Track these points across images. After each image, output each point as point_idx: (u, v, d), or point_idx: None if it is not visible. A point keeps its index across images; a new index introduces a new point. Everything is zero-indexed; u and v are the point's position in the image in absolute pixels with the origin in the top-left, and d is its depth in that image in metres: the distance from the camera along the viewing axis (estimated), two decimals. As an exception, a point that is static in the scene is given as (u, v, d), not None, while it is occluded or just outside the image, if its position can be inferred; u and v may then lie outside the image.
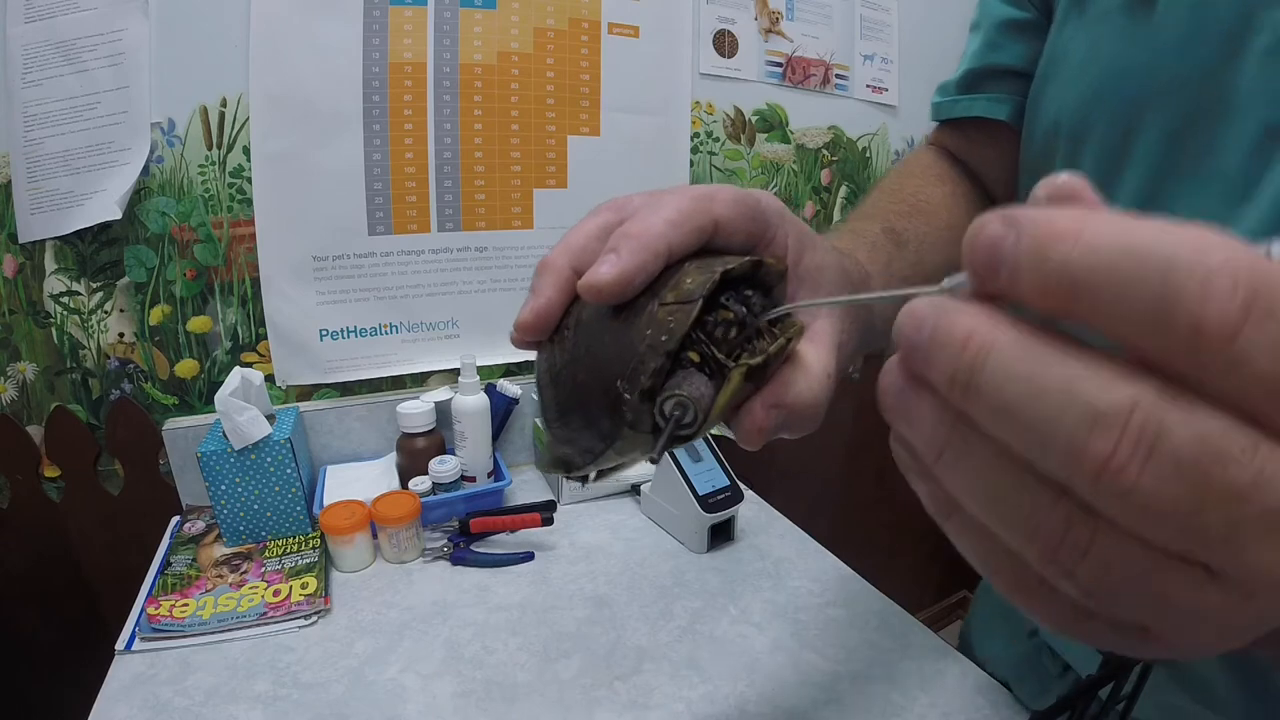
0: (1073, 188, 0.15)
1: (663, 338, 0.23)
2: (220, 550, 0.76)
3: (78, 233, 0.80)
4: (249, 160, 0.84)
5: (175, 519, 0.84)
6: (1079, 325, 0.14)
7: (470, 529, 0.79)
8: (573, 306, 0.27)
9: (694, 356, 0.24)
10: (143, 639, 0.64)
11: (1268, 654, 0.20)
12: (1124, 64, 0.39)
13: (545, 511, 0.80)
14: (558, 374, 0.27)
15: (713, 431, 0.91)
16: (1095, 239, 0.13)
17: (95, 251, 0.82)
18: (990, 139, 0.52)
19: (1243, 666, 0.39)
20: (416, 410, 0.87)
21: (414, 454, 0.87)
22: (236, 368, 0.81)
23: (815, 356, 0.26)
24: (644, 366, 0.23)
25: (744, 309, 0.24)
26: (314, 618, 0.68)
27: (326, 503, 0.79)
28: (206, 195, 0.84)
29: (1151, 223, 0.13)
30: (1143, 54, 0.37)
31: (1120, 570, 0.14)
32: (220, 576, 0.72)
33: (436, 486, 0.85)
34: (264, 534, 0.78)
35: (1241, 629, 0.15)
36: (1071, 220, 0.13)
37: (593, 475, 0.29)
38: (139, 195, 0.81)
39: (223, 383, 0.76)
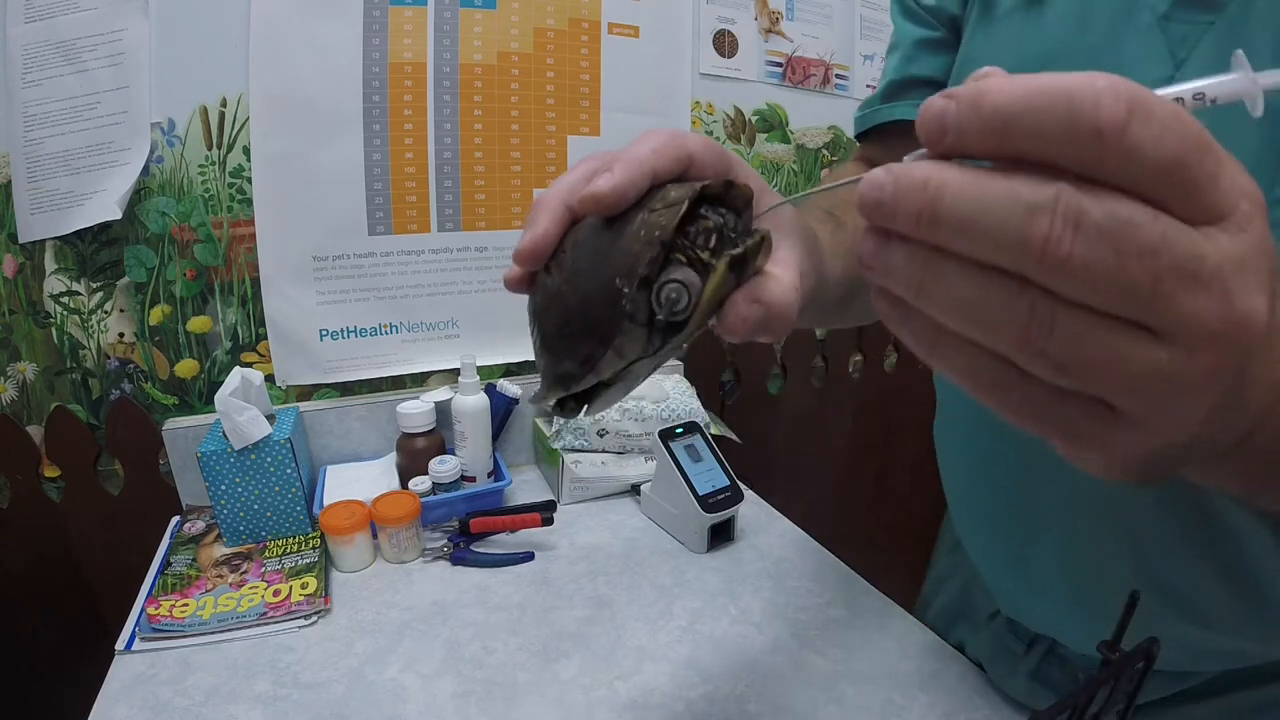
0: (993, 71, 0.19)
1: (656, 233, 0.27)
2: (220, 550, 0.76)
3: (78, 233, 0.80)
4: (249, 160, 0.84)
5: (175, 519, 0.84)
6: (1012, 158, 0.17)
7: (470, 529, 0.79)
8: (567, 236, 0.30)
9: (681, 258, 0.27)
10: (143, 639, 0.64)
11: (1222, 480, 0.24)
12: (1026, 55, 0.45)
13: (545, 511, 0.80)
14: (557, 292, 0.29)
15: (713, 432, 0.91)
16: (1014, 86, 0.17)
17: (95, 251, 0.82)
18: (913, 143, 0.54)
19: (1235, 580, 0.41)
20: (416, 410, 0.87)
21: (414, 454, 0.87)
22: (236, 368, 0.81)
23: (783, 272, 0.30)
24: (640, 259, 0.27)
25: (720, 219, 0.28)
26: (314, 618, 0.68)
27: (326, 503, 0.79)
28: (206, 195, 0.84)
29: (1053, 73, 0.16)
30: (1041, 44, 0.44)
31: (1081, 339, 0.17)
32: (220, 576, 0.72)
33: (436, 486, 0.85)
34: (264, 534, 0.78)
35: (1192, 395, 0.18)
36: (994, 81, 0.17)
37: (591, 400, 0.31)
38: (139, 195, 0.81)
39: (223, 383, 0.76)
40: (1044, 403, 0.19)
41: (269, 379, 0.91)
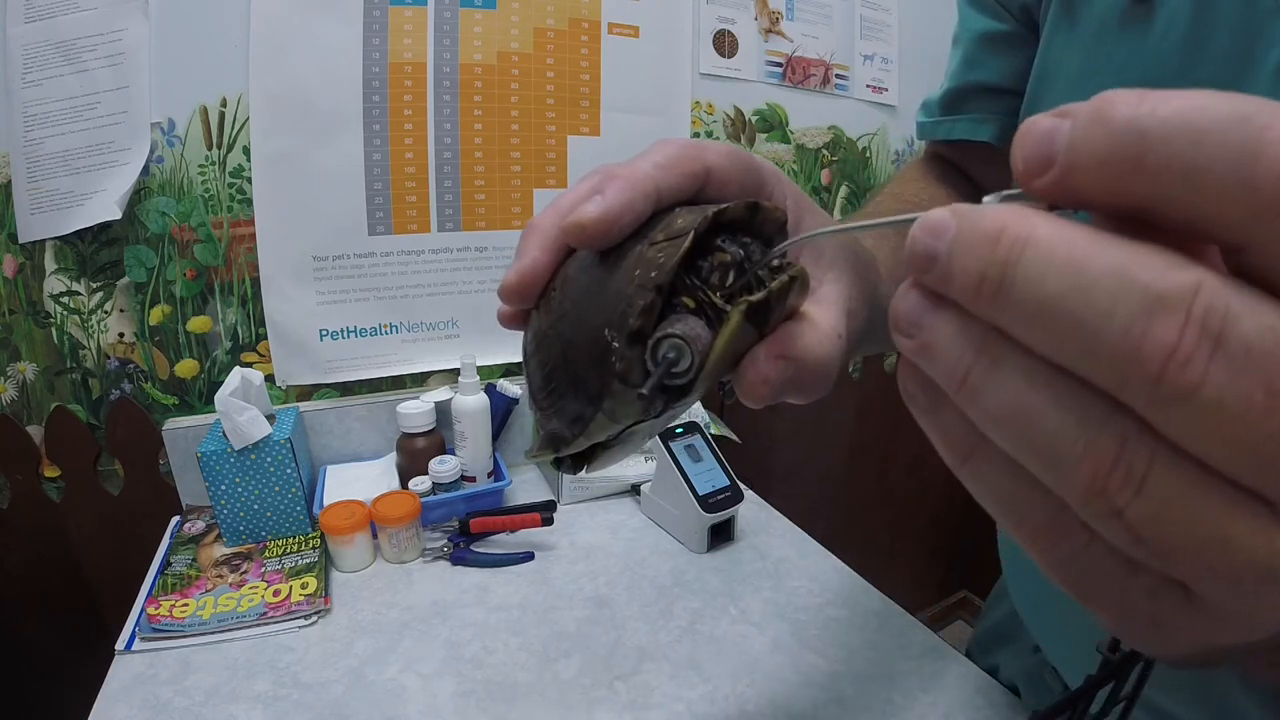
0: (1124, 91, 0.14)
1: (652, 274, 0.22)
2: (220, 550, 0.76)
3: (78, 233, 0.80)
4: (249, 160, 0.84)
5: (175, 519, 0.84)
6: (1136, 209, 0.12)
7: (470, 529, 0.79)
8: (560, 268, 0.25)
9: (689, 303, 0.22)
10: (143, 639, 0.64)
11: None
12: (1125, 81, 0.36)
13: (545, 511, 0.80)
14: (543, 337, 0.25)
15: (713, 432, 0.91)
16: (1159, 101, 0.12)
17: (95, 251, 0.82)
18: (979, 157, 0.52)
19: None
20: (416, 410, 0.87)
21: (414, 454, 0.87)
22: (236, 368, 0.81)
23: (824, 315, 0.25)
24: (632, 307, 0.21)
25: (741, 252, 0.22)
26: (314, 618, 0.68)
27: (326, 503, 0.79)
28: (206, 195, 0.84)
29: (1219, 91, 0.12)
30: (1140, 72, 0.35)
31: (1179, 506, 0.12)
32: (220, 576, 0.72)
33: (436, 486, 0.85)
34: (264, 534, 0.78)
35: None
36: (1131, 94, 0.12)
37: (586, 463, 0.27)
38: (139, 195, 0.81)
39: (223, 383, 0.76)
40: (1103, 572, 0.14)
41: (269, 379, 0.91)
